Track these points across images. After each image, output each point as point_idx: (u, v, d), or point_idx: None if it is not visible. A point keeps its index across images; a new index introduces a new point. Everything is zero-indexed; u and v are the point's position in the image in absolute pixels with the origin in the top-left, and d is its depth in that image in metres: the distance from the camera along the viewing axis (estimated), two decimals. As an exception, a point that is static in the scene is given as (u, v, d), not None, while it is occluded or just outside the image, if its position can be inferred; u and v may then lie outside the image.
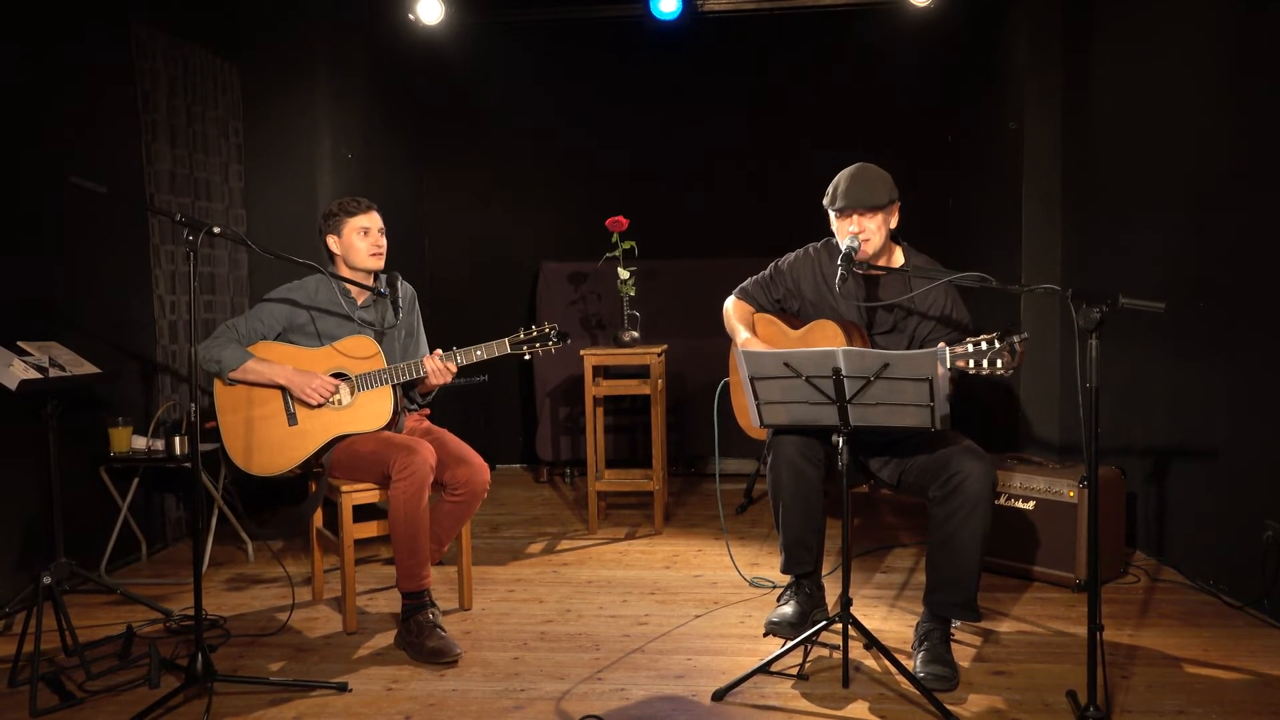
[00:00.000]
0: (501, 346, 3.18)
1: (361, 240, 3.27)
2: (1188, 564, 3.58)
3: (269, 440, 3.19)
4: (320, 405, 3.18)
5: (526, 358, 3.24)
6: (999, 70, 4.93)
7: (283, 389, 3.18)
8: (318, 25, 4.83)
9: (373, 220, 3.30)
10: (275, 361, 3.20)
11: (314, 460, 3.23)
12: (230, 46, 4.69)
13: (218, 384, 3.22)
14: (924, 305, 3.01)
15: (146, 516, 4.07)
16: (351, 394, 3.21)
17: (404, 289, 3.42)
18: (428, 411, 3.51)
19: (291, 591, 3.51)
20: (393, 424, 3.23)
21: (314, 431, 3.19)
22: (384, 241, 3.32)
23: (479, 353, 3.18)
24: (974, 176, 5.28)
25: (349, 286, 3.32)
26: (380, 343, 3.26)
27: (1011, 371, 2.55)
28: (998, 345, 2.54)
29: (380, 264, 3.32)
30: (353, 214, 3.27)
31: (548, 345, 3.18)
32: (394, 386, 3.21)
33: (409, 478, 2.99)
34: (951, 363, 2.58)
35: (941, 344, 2.67)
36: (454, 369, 3.20)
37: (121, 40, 4.02)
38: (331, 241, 3.30)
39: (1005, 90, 4.83)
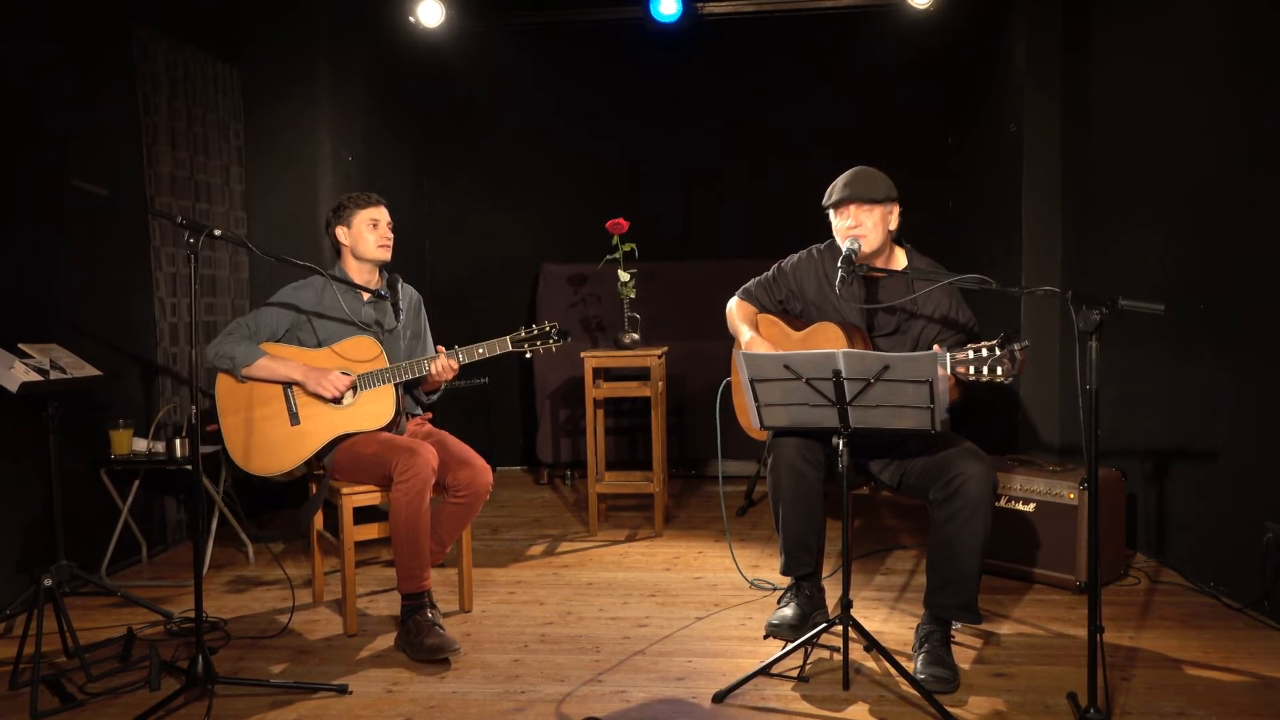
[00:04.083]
0: (503, 344, 3.21)
1: (370, 232, 3.31)
2: (1188, 566, 3.58)
3: (270, 440, 3.20)
4: (333, 400, 3.19)
5: (528, 356, 3.27)
6: (999, 72, 4.94)
7: (295, 384, 3.20)
8: (318, 28, 4.84)
9: (381, 214, 3.34)
10: (286, 358, 3.22)
11: (315, 460, 3.24)
12: (231, 49, 4.69)
13: (220, 384, 3.22)
14: (927, 308, 3.00)
15: (147, 519, 4.07)
16: (354, 393, 3.22)
17: (406, 291, 3.45)
18: (429, 415, 3.51)
19: (292, 594, 3.51)
20: (394, 424, 3.23)
21: (316, 431, 3.20)
22: (392, 235, 3.37)
23: (481, 350, 3.22)
24: (974, 178, 5.29)
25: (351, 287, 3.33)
26: (383, 344, 3.27)
27: (1012, 379, 2.54)
28: (998, 352, 2.53)
29: (388, 255, 3.35)
30: (363, 206, 3.32)
31: (548, 343, 3.22)
32: (396, 386, 3.22)
33: (411, 480, 2.99)
34: (951, 368, 2.57)
35: (939, 347, 2.66)
36: (456, 366, 3.23)
37: (122, 43, 4.02)
38: (340, 233, 3.33)
39: (1005, 92, 4.84)
